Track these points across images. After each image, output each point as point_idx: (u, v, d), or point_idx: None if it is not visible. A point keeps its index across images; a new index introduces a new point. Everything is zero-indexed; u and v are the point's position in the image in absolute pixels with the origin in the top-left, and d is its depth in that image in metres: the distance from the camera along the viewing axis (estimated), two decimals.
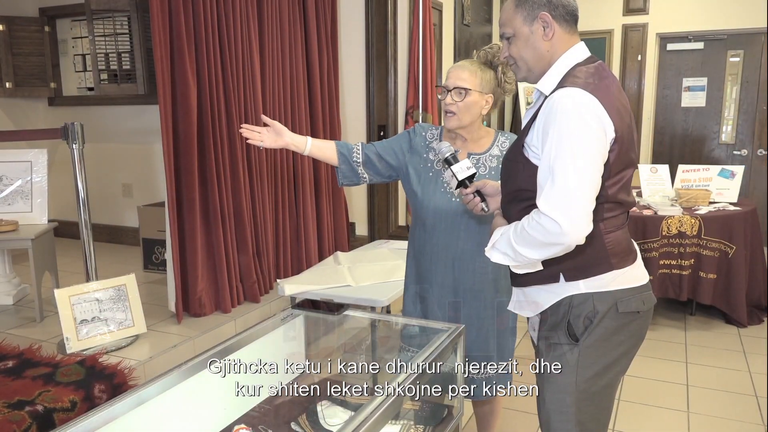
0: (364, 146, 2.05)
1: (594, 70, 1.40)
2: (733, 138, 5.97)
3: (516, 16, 1.44)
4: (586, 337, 1.46)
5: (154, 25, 2.96)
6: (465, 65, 1.94)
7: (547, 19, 1.41)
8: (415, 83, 4.43)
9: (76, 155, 2.90)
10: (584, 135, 1.31)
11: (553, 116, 1.33)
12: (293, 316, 2.04)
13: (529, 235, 1.35)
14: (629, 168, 1.43)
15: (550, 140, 1.33)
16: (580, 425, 1.51)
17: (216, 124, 3.29)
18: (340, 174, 2.04)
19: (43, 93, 5.24)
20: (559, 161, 1.31)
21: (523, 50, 1.46)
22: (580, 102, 1.32)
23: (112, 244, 5.26)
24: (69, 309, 2.73)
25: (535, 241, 1.34)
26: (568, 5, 1.43)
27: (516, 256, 1.41)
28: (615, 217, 1.45)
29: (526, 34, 1.43)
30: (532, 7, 1.41)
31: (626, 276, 1.47)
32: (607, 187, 1.39)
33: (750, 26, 5.63)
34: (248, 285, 3.53)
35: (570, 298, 1.46)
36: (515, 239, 1.39)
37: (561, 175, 1.30)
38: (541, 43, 1.43)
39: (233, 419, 1.82)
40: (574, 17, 1.44)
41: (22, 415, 2.08)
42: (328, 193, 4.21)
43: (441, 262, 2.01)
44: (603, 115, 1.33)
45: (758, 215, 3.96)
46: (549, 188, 1.32)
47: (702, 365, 3.33)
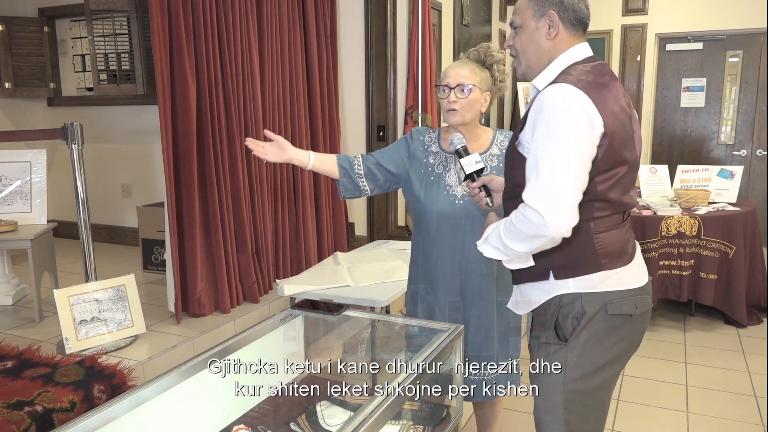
0: (364, 157, 2.06)
1: (590, 69, 1.41)
2: (732, 138, 5.98)
3: (527, 9, 1.46)
4: (574, 337, 1.46)
5: (154, 26, 2.96)
6: (464, 63, 1.94)
7: (554, 18, 1.43)
8: (415, 83, 4.43)
9: (75, 155, 2.90)
10: (571, 129, 1.32)
11: (542, 111, 1.35)
12: (293, 316, 2.04)
13: (516, 227, 1.36)
14: (621, 166, 1.41)
15: (537, 134, 1.35)
16: (568, 425, 1.51)
17: (215, 125, 3.29)
18: (342, 187, 2.05)
19: (43, 93, 5.23)
20: (544, 154, 1.32)
21: (526, 44, 1.48)
22: (568, 97, 1.33)
23: (112, 244, 5.25)
24: (68, 309, 2.73)
25: (522, 233, 1.36)
26: (579, 11, 1.44)
27: (506, 249, 1.42)
28: (607, 216, 1.43)
29: (531, 28, 1.46)
30: (543, 4, 1.44)
31: (618, 278, 1.45)
32: (596, 183, 1.38)
33: (749, 26, 5.63)
34: (248, 285, 3.53)
35: (559, 298, 1.47)
36: (505, 233, 1.40)
37: (546, 168, 1.31)
38: (543, 41, 1.45)
39: (233, 419, 1.82)
40: (582, 23, 1.46)
41: (22, 415, 2.08)
42: (327, 192, 4.21)
43: (448, 266, 2.01)
44: (592, 110, 1.33)
45: (757, 215, 3.96)
46: (534, 180, 1.33)
47: (701, 365, 3.34)
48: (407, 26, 4.54)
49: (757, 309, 3.97)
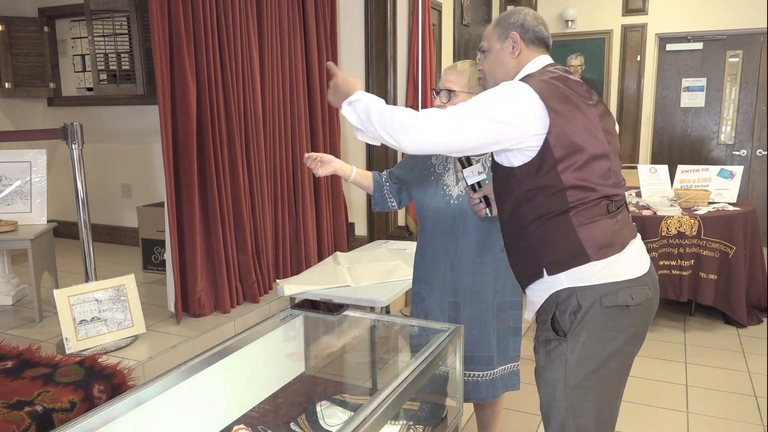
0: (389, 173, 2.20)
1: (541, 70, 1.55)
2: (732, 138, 5.98)
3: (493, 34, 1.64)
4: (573, 333, 1.50)
5: (154, 26, 2.96)
6: (455, 66, 1.98)
7: (516, 38, 1.60)
8: (414, 84, 4.43)
9: (75, 155, 2.90)
10: (502, 100, 1.42)
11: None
12: (293, 316, 2.04)
13: (392, 112, 1.47)
14: (578, 153, 1.44)
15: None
16: (575, 420, 1.53)
17: (215, 124, 3.29)
18: (374, 201, 2.22)
19: (43, 93, 5.23)
20: (472, 101, 1.45)
21: (493, 65, 1.64)
22: (515, 84, 1.47)
23: (112, 244, 5.25)
24: (68, 309, 2.73)
25: (391, 119, 1.46)
26: (539, 32, 1.61)
27: (365, 120, 1.52)
28: (587, 207, 1.46)
29: (497, 50, 1.63)
30: (507, 27, 1.61)
31: (610, 270, 1.47)
32: (559, 172, 1.44)
33: (749, 26, 5.63)
34: (247, 285, 3.53)
35: (557, 294, 1.51)
36: (377, 111, 1.49)
37: (459, 107, 1.44)
38: (508, 59, 1.61)
39: (233, 419, 1.82)
40: (542, 42, 1.62)
41: (22, 415, 2.08)
42: (327, 193, 4.21)
43: (441, 265, 2.03)
44: (532, 96, 1.42)
45: (757, 215, 3.96)
46: (450, 108, 1.46)
47: (702, 365, 3.34)
48: (407, 26, 4.54)
49: (757, 309, 3.97)
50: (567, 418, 1.52)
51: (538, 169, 1.45)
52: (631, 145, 6.22)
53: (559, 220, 1.46)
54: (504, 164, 1.53)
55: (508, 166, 1.51)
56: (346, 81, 1.59)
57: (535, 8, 6.34)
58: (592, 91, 1.56)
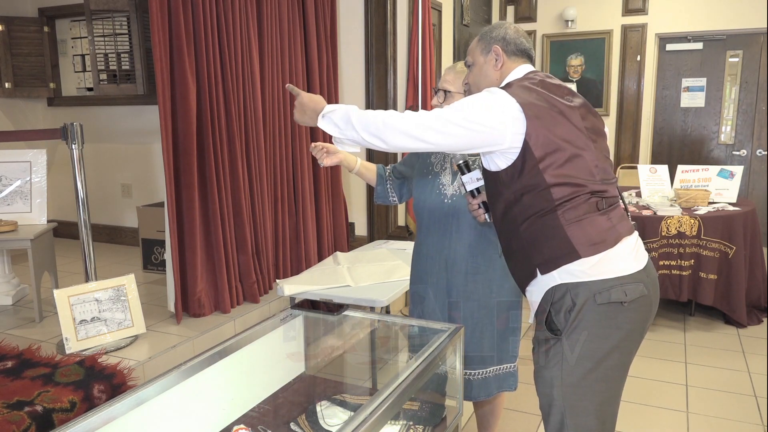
0: (393, 168, 2.22)
1: (522, 77, 1.61)
2: (732, 138, 5.98)
3: (477, 48, 1.71)
4: (568, 331, 1.50)
5: (154, 26, 2.96)
6: (454, 67, 1.99)
7: (498, 51, 1.66)
8: (415, 83, 4.43)
9: (75, 155, 2.90)
10: (482, 105, 1.47)
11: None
12: (293, 316, 2.04)
13: (375, 115, 1.50)
14: (559, 151, 1.47)
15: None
16: (574, 419, 1.53)
17: (215, 124, 3.29)
18: (376, 194, 2.25)
19: (43, 93, 5.23)
20: (456, 104, 1.49)
21: (478, 77, 1.71)
22: (494, 90, 1.52)
23: (112, 244, 5.25)
24: (68, 309, 2.73)
25: (376, 120, 1.49)
26: (520, 44, 1.68)
27: (345, 128, 1.54)
28: (575, 205, 1.48)
29: (481, 63, 1.70)
30: (489, 41, 1.69)
31: (602, 266, 1.48)
32: (541, 171, 1.47)
33: (749, 26, 5.63)
34: (248, 285, 3.53)
35: (551, 293, 1.52)
36: (357, 116, 1.52)
37: (443, 110, 1.48)
38: (492, 71, 1.68)
39: (233, 419, 1.82)
40: (524, 53, 1.69)
41: (22, 415, 2.08)
42: (327, 193, 4.21)
43: (435, 264, 2.05)
44: (509, 101, 1.47)
45: (757, 215, 3.96)
46: (441, 107, 1.52)
47: (701, 365, 3.34)
48: (407, 26, 4.54)
49: (757, 309, 3.97)
50: (565, 417, 1.53)
51: (521, 170, 1.49)
52: (631, 145, 6.22)
53: (547, 218, 1.49)
54: (492, 169, 1.57)
55: (495, 170, 1.56)
56: (311, 98, 1.63)
57: (535, 8, 6.35)
58: (575, 92, 1.61)
